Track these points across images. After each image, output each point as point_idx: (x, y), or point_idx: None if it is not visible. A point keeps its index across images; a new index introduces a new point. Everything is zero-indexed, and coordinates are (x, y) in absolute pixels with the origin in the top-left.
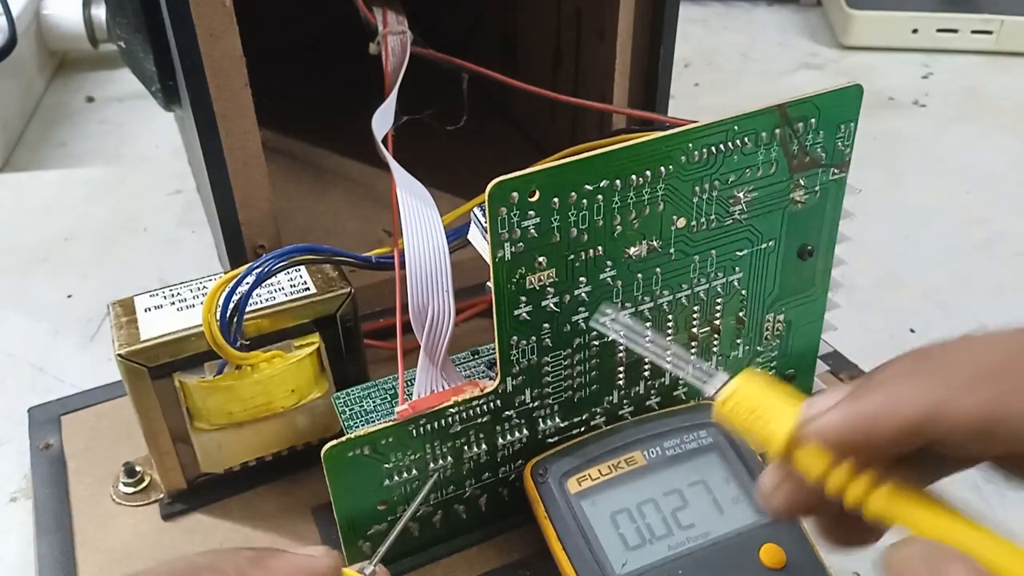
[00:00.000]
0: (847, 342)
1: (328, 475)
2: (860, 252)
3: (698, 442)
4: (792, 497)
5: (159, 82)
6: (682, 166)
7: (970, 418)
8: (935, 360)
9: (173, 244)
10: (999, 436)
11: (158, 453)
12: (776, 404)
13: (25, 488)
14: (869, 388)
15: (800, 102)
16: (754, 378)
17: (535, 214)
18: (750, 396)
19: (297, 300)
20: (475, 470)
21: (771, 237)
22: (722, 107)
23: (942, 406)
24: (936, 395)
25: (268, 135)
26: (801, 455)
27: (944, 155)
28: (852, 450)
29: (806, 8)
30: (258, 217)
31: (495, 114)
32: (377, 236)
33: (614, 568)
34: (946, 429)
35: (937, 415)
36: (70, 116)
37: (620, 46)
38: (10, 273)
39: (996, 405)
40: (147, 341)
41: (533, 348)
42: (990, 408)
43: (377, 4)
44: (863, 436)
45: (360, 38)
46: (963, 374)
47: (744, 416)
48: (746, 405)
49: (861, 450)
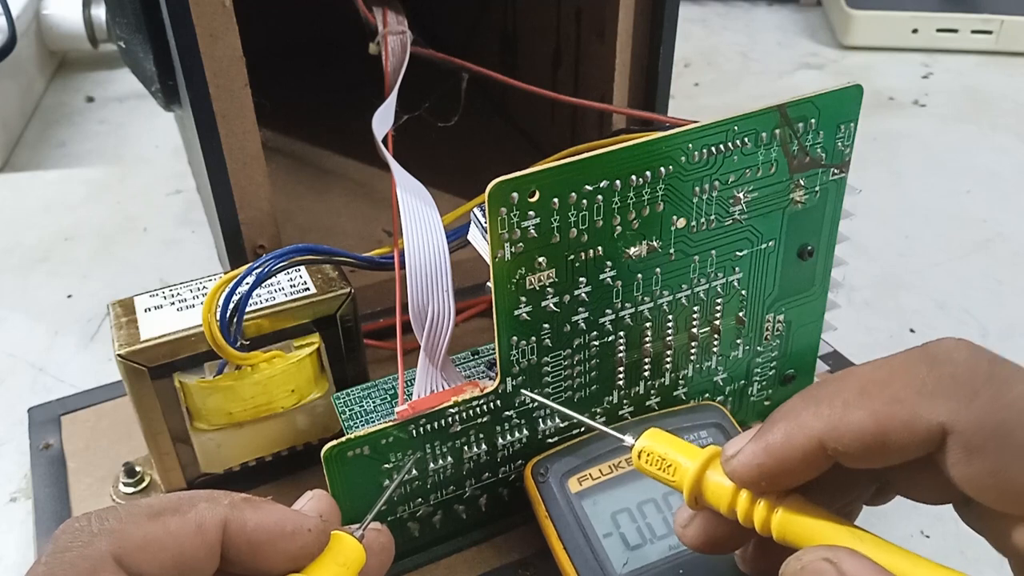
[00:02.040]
0: (847, 342)
1: (328, 475)
2: (860, 252)
3: (698, 443)
4: (706, 530)
5: (159, 82)
6: (682, 166)
7: (863, 428)
8: (829, 386)
9: (173, 244)
10: (893, 444)
11: (158, 453)
12: (681, 452)
13: (25, 488)
14: (773, 422)
15: (800, 102)
16: (659, 433)
17: (535, 214)
18: (658, 448)
19: (297, 300)
20: (475, 470)
21: (771, 237)
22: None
23: (837, 422)
24: (830, 415)
25: (268, 135)
26: (709, 490)
27: (944, 155)
28: (769, 480)
29: (806, 8)
30: (258, 217)
31: (495, 114)
32: (377, 236)
33: (615, 568)
34: (845, 444)
35: (835, 432)
36: (70, 116)
37: (620, 46)
38: (10, 273)
39: (883, 414)
40: (147, 341)
41: (533, 348)
42: (879, 417)
43: (377, 4)
44: (774, 465)
45: (360, 38)
46: (852, 391)
47: (657, 465)
48: (656, 455)
49: (777, 479)
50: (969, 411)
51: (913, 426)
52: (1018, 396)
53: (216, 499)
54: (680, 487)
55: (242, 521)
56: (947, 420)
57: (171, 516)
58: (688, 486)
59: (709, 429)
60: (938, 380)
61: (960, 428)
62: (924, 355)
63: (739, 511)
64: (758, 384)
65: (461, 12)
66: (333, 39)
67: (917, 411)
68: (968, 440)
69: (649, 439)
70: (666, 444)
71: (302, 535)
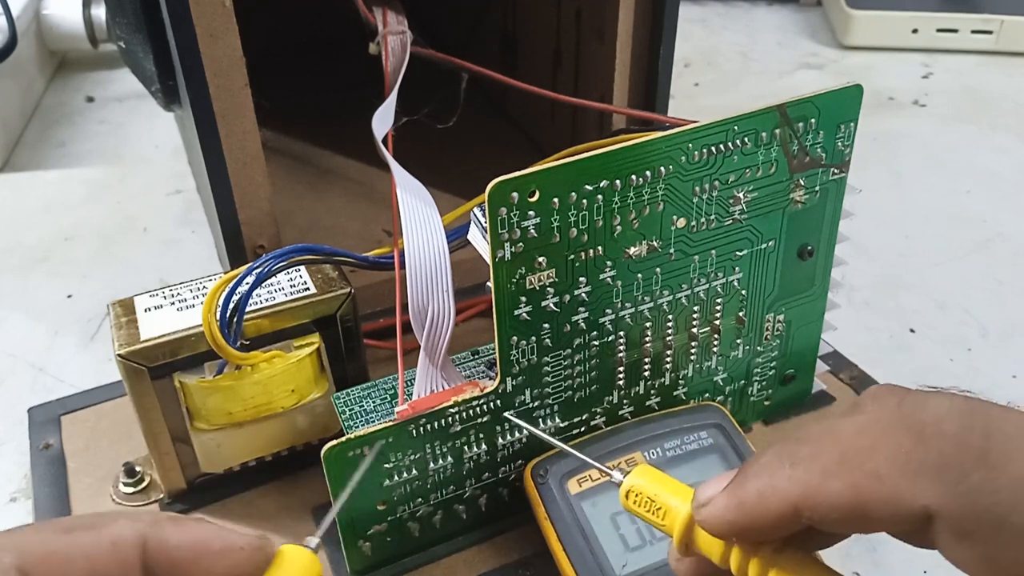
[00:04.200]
0: (847, 342)
1: (328, 475)
2: (860, 252)
3: (699, 443)
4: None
5: (159, 82)
6: (682, 166)
7: (840, 501)
8: (806, 445)
9: (173, 244)
10: (873, 519)
11: (158, 453)
12: (672, 493)
13: (25, 488)
14: (747, 477)
15: (800, 102)
16: (649, 471)
17: (535, 214)
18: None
19: (297, 300)
20: (475, 470)
21: (771, 237)
22: (722, 107)
23: (813, 491)
24: (807, 480)
25: (268, 135)
26: (699, 539)
27: (944, 155)
28: (740, 536)
29: (806, 8)
30: (258, 217)
31: (495, 114)
32: (377, 236)
33: (614, 569)
34: (820, 514)
35: (811, 500)
36: (70, 116)
37: (620, 46)
38: (10, 273)
39: (864, 488)
40: (147, 341)
41: (533, 348)
42: (858, 491)
43: (377, 4)
44: (746, 523)
45: (360, 38)
46: (831, 458)
47: (646, 507)
48: (645, 496)
49: (745, 535)
50: (957, 495)
51: (896, 505)
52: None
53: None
54: (670, 532)
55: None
56: (933, 504)
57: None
58: (678, 534)
59: (709, 429)
60: (924, 457)
61: (947, 513)
62: (911, 423)
63: (732, 565)
64: (758, 384)
65: (461, 12)
66: (333, 39)
67: (900, 491)
68: (957, 526)
69: (639, 477)
70: (657, 484)
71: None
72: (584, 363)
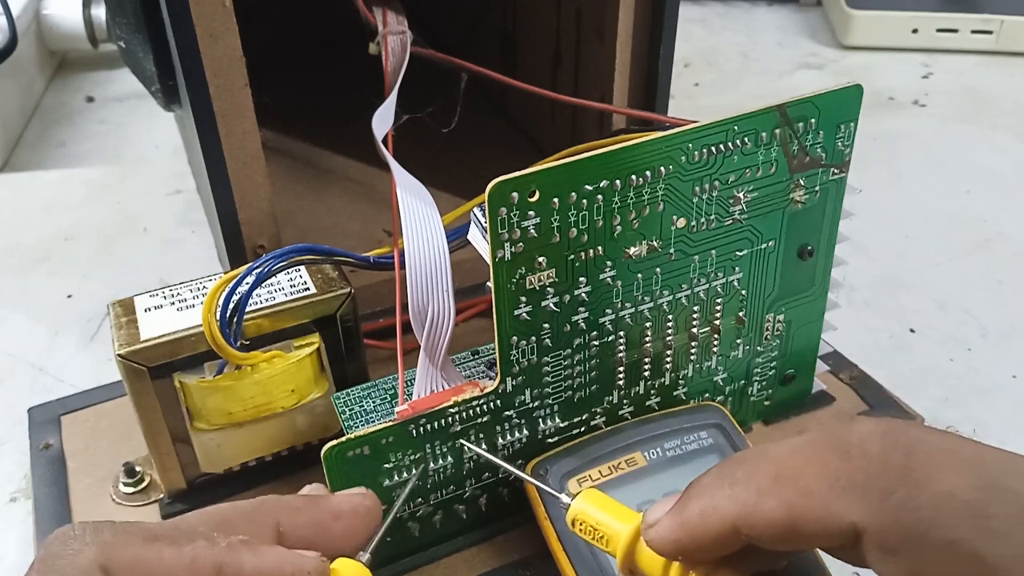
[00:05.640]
0: (847, 342)
1: (328, 475)
2: (860, 252)
3: (699, 443)
4: None
5: (159, 82)
6: (682, 166)
7: (775, 518)
8: (744, 466)
9: (173, 244)
10: (806, 535)
11: (158, 453)
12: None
13: (25, 488)
14: (690, 497)
15: (800, 102)
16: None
17: (535, 214)
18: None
19: (297, 300)
20: (475, 470)
21: (771, 237)
22: (722, 107)
23: (750, 509)
24: (744, 499)
25: (268, 135)
26: (643, 560)
27: (944, 155)
28: (685, 555)
29: (806, 8)
30: (258, 217)
31: (495, 114)
32: (377, 236)
33: (614, 569)
34: (758, 531)
35: (748, 518)
36: (70, 116)
37: (620, 46)
38: (10, 273)
39: (796, 506)
40: (147, 341)
41: (533, 348)
42: (791, 508)
43: (377, 4)
44: (690, 542)
45: (360, 38)
46: (767, 477)
47: (590, 534)
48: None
49: (691, 554)
50: (881, 512)
51: (827, 521)
52: (933, 495)
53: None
54: (614, 554)
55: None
56: (860, 521)
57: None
58: (620, 557)
59: (709, 429)
60: (850, 476)
61: (874, 529)
62: (838, 444)
63: None
64: (758, 384)
65: (461, 12)
66: (333, 39)
67: (829, 507)
68: (883, 541)
69: (583, 502)
70: (601, 509)
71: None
72: (584, 363)
